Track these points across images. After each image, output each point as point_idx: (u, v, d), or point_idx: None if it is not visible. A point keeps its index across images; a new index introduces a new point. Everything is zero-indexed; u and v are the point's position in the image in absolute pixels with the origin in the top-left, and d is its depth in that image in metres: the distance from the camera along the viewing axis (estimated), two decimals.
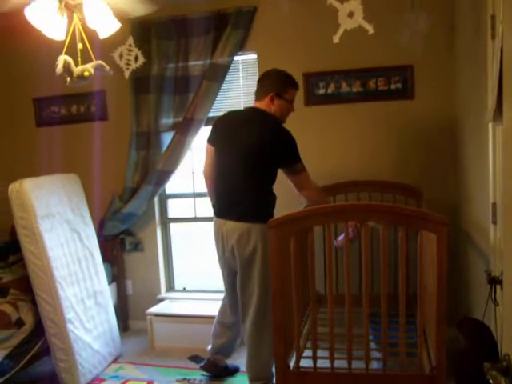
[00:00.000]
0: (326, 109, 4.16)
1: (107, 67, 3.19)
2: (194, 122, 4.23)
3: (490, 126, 2.56)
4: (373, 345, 3.08)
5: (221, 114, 3.59)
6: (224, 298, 3.65)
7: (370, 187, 3.76)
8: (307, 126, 4.14)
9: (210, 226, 3.48)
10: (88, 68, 3.07)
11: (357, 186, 3.82)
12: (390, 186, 3.85)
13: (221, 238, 3.34)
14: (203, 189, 4.44)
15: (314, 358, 2.81)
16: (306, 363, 2.87)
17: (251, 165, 3.22)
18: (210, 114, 4.25)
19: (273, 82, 3.29)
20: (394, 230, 3.39)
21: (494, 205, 2.57)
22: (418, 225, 2.64)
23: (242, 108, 3.56)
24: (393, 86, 4.01)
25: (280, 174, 3.30)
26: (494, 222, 2.58)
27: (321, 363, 2.83)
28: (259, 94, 3.34)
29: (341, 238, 3.43)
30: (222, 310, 3.66)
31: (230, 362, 3.78)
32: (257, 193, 3.27)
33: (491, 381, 1.37)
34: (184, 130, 4.25)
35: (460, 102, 3.65)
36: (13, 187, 3.52)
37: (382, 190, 3.89)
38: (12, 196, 3.50)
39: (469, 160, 3.39)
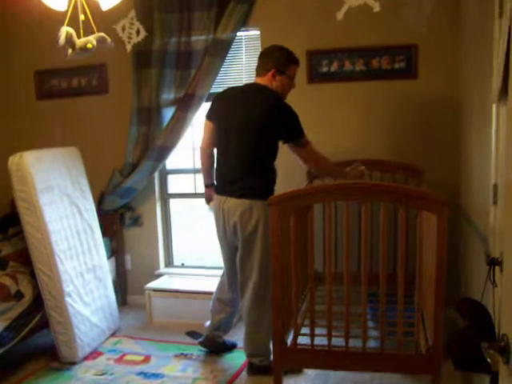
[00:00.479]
0: (328, 87, 4.14)
1: (109, 39, 3.15)
2: (195, 97, 4.21)
3: (494, 106, 2.54)
4: (370, 323, 3.09)
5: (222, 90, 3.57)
6: (222, 274, 3.65)
7: (370, 166, 3.74)
8: (309, 104, 4.11)
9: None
10: (91, 40, 3.04)
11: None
12: (391, 166, 3.85)
13: (222, 215, 3.34)
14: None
15: (312, 335, 2.82)
16: (303, 341, 2.88)
17: (252, 141, 3.22)
18: (212, 91, 4.21)
19: (274, 58, 3.27)
20: (394, 209, 3.40)
21: (496, 186, 2.56)
22: (418, 204, 2.64)
23: (243, 84, 3.52)
24: (396, 66, 3.98)
25: (282, 149, 3.29)
26: (495, 203, 2.57)
27: (318, 341, 2.84)
28: (260, 70, 3.31)
29: None
30: (221, 287, 3.67)
31: (228, 338, 3.80)
32: (258, 169, 3.26)
33: (489, 359, 1.37)
34: (185, 105, 4.23)
35: (464, 81, 3.62)
36: (13, 160, 3.51)
37: (382, 170, 3.89)
38: (12, 169, 3.49)
39: (471, 141, 3.37)
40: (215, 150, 3.48)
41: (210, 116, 3.44)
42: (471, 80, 3.35)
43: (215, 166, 3.46)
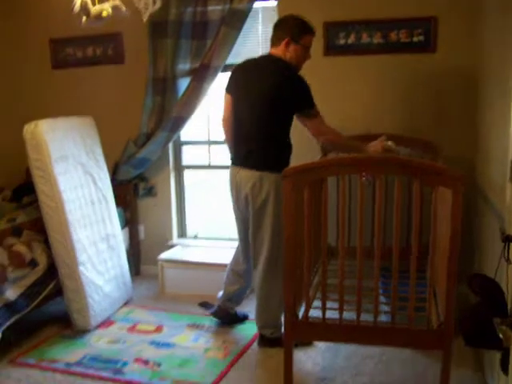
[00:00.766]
0: (344, 60, 4.09)
1: (124, 8, 3.13)
2: (210, 68, 4.17)
3: None
4: (382, 298, 3.09)
5: (238, 61, 3.56)
6: (238, 245, 3.66)
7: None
8: (325, 77, 4.07)
9: (224, 173, 3.47)
10: (106, 8, 3.02)
11: (372, 139, 3.76)
12: (407, 141, 3.79)
13: (235, 186, 3.36)
14: (218, 136, 4.46)
15: (323, 308, 2.82)
16: (314, 314, 2.88)
17: (265, 112, 3.20)
18: (228, 62, 4.17)
19: (289, 28, 3.23)
20: (409, 184, 3.37)
21: None
22: (433, 179, 2.60)
23: (259, 56, 3.49)
24: (415, 39, 3.91)
25: (295, 124, 3.26)
26: None
27: (330, 314, 2.84)
28: (275, 40, 3.28)
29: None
30: (235, 258, 3.69)
31: (240, 309, 3.82)
32: (271, 141, 3.25)
33: (501, 335, 1.37)
34: (200, 76, 4.20)
35: (485, 55, 3.55)
36: (28, 128, 3.51)
37: (397, 144, 3.83)
38: (27, 137, 3.50)
39: (489, 117, 3.32)
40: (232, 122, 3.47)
41: (228, 88, 3.43)
42: (492, 54, 3.29)
43: (232, 136, 3.46)
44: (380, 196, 2.66)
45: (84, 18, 3.03)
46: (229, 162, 3.47)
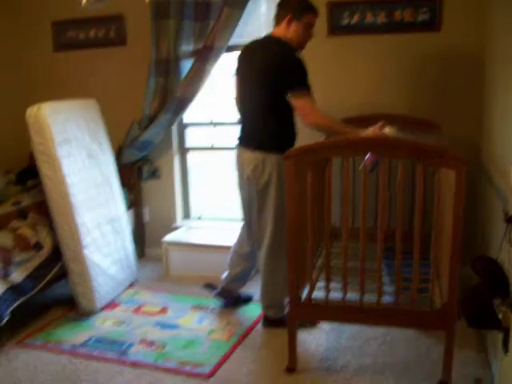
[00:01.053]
0: (348, 40, 4.05)
1: None
2: (213, 49, 4.14)
3: None
4: (385, 279, 3.09)
5: (241, 42, 3.56)
6: (242, 227, 3.67)
7: (389, 121, 3.67)
8: (328, 57, 4.05)
9: (228, 155, 3.48)
10: None
11: (376, 120, 3.73)
12: (410, 121, 3.76)
13: (240, 166, 3.39)
14: (221, 118, 4.45)
15: (327, 289, 2.83)
16: (318, 295, 2.90)
17: (262, 93, 3.21)
18: (231, 43, 4.14)
19: (291, 5, 3.20)
20: (413, 165, 3.36)
21: None
22: (436, 161, 2.59)
23: (262, 36, 3.47)
24: (419, 18, 3.87)
25: None
26: None
27: (333, 296, 2.85)
28: (277, 19, 3.26)
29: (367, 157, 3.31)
30: (240, 240, 3.69)
31: (244, 291, 3.84)
32: (270, 122, 3.24)
33: (500, 316, 1.37)
34: (203, 57, 4.17)
35: (494, 33, 3.51)
36: (30, 112, 3.50)
37: (401, 125, 3.80)
38: (30, 120, 3.49)
39: (495, 97, 3.30)
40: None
41: (236, 71, 3.45)
42: (498, 33, 3.25)
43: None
44: (383, 178, 2.65)
45: (84, 0, 3.01)
46: (231, 144, 3.48)
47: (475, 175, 3.58)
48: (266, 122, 3.25)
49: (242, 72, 3.39)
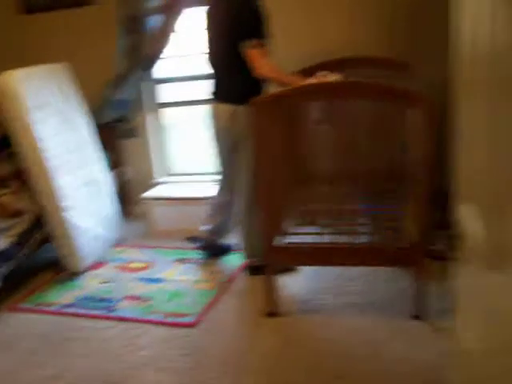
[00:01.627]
0: None
1: None
2: (180, 2, 4.11)
3: None
4: (358, 220, 3.15)
5: None
6: (220, 179, 3.71)
7: (357, 64, 3.66)
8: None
9: (202, 109, 3.51)
10: None
11: (344, 64, 3.71)
12: (379, 62, 3.71)
13: (214, 119, 3.45)
14: (193, 71, 4.46)
15: (299, 233, 2.90)
16: (292, 239, 2.96)
17: (227, 44, 3.24)
18: None
19: None
20: (384, 107, 3.38)
21: None
22: (404, 102, 2.63)
23: None
24: None
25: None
26: None
27: (309, 239, 2.92)
28: None
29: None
30: (218, 191, 3.74)
31: (225, 241, 3.91)
32: (236, 73, 3.28)
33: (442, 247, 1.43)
34: (170, 11, 4.14)
35: None
36: (1, 79, 3.49)
37: (370, 67, 3.77)
38: (1, 88, 3.48)
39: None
40: None
41: (206, 24, 3.44)
42: None
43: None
44: (343, 120, 2.69)
45: None
46: (204, 97, 3.51)
47: (445, 114, 3.58)
48: (232, 74, 3.29)
49: (208, 27, 3.40)
